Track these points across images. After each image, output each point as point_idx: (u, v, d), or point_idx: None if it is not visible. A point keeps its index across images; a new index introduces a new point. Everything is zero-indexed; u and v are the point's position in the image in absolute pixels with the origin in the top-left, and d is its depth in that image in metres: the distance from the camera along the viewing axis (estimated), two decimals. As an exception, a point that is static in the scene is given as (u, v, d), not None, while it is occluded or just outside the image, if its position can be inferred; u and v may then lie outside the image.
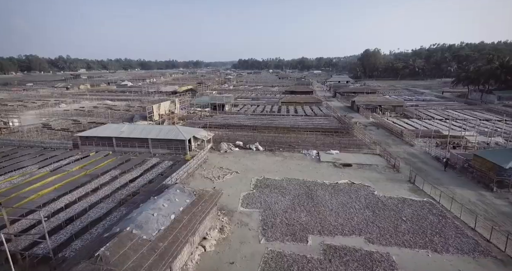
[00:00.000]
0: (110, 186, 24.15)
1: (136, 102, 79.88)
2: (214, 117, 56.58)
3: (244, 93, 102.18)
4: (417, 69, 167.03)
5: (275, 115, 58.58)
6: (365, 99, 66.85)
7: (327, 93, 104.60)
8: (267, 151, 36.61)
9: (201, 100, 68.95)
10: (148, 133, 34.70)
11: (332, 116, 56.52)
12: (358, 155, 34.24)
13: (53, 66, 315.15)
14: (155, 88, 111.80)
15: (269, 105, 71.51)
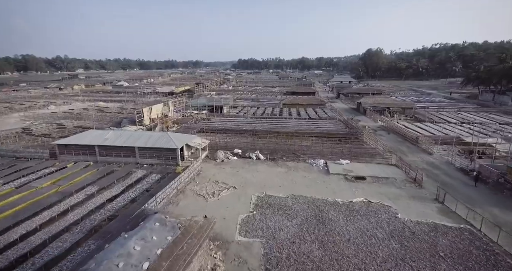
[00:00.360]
0: (82, 208, 20.26)
1: (130, 104, 75.98)
2: (211, 121, 52.69)
3: (243, 94, 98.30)
4: (421, 69, 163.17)
5: (277, 118, 54.69)
6: (372, 100, 62.96)
7: (329, 94, 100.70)
8: (268, 160, 32.73)
9: (198, 102, 65.05)
10: (135, 140, 30.80)
11: (337, 119, 52.64)
12: (371, 165, 30.36)
13: (50, 66, 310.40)
14: (152, 89, 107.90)
15: (270, 107, 67.64)
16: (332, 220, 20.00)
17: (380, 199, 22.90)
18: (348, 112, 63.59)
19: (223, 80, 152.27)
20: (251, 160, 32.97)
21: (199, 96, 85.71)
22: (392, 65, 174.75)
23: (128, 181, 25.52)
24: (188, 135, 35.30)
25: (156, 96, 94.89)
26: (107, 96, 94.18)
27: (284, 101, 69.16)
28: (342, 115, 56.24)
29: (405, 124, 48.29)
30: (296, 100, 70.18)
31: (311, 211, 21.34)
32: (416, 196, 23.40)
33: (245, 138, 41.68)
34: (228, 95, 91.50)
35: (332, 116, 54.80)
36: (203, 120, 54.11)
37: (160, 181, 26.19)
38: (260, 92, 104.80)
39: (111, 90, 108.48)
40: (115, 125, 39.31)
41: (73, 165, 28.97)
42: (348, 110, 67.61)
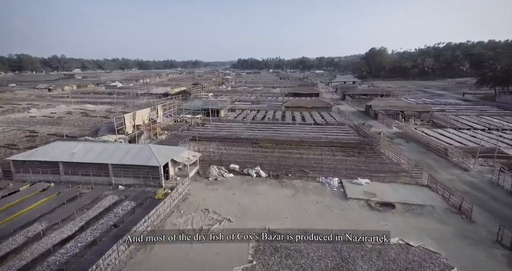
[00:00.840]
0: (14, 262, 14.64)
1: (119, 106, 70.42)
2: (206, 127, 47.11)
3: (242, 95, 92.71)
4: (427, 69, 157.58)
5: (279, 124, 49.07)
6: (383, 103, 57.37)
7: (334, 95, 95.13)
8: (271, 178, 27.14)
9: (193, 104, 59.45)
10: (109, 156, 25.20)
11: (347, 125, 47.10)
12: (397, 186, 24.79)
13: (46, 66, 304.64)
14: (146, 90, 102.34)
15: (271, 110, 62.04)
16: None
17: (421, 240, 17.30)
18: (357, 116, 58.01)
19: (222, 81, 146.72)
20: (251, 178, 27.40)
21: (195, 98, 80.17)
22: (397, 64, 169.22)
23: (93, 211, 19.91)
24: (175, 147, 29.71)
25: (150, 98, 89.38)
26: (97, 97, 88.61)
27: (286, 104, 63.57)
28: (352, 119, 50.67)
29: (424, 130, 42.67)
30: (299, 102, 64.60)
31: (330, 259, 15.78)
32: (467, 236, 17.80)
33: (244, 147, 36.15)
34: (226, 97, 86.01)
35: (341, 121, 49.19)
36: (198, 125, 48.54)
37: (135, 210, 20.60)
38: (260, 93, 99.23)
39: (104, 92, 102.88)
40: (91, 134, 33.76)
41: (28, 188, 23.34)
42: (357, 113, 62.01)
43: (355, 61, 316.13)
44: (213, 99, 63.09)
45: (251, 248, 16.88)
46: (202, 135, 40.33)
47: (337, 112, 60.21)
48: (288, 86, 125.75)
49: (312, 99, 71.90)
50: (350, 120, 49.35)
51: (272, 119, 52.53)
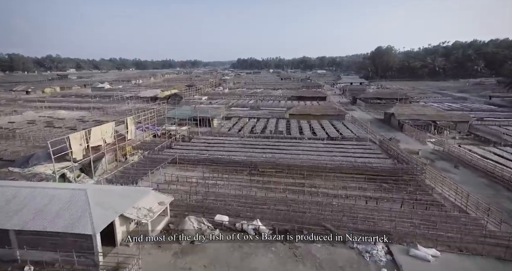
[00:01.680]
0: None
1: (98, 112, 60.81)
2: (194, 143, 37.54)
3: (241, 99, 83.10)
4: (438, 69, 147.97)
5: (284, 139, 39.39)
6: (408, 110, 47.76)
7: (342, 99, 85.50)
8: (277, 238, 17.58)
9: (179, 112, 49.86)
10: (13, 212, 15.60)
11: (369, 139, 37.60)
12: (485, 263, 15.20)
13: (38, 65, 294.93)
14: (134, 93, 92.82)
15: (274, 119, 52.41)
16: None
17: None
18: (376, 125, 48.39)
19: (219, 82, 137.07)
20: (245, 235, 17.83)
21: (185, 103, 70.72)
22: (405, 64, 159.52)
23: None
24: (132, 189, 20.17)
25: (137, 101, 79.97)
26: (78, 101, 78.98)
27: (291, 111, 53.90)
28: (373, 132, 41.06)
29: (473, 149, 33.01)
30: (305, 109, 54.94)
31: None
32: None
33: (239, 176, 26.72)
34: (223, 101, 76.46)
35: (360, 135, 39.59)
36: (183, 140, 39.01)
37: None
38: (260, 96, 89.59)
39: (88, 94, 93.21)
40: (23, 163, 23.89)
41: None
42: (375, 122, 52.42)
43: (357, 61, 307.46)
44: (205, 105, 53.43)
45: None
46: (185, 156, 30.78)
47: (351, 121, 50.64)
48: (290, 87, 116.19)
49: (321, 105, 62.43)
50: (372, 134, 39.74)
51: (275, 132, 42.88)
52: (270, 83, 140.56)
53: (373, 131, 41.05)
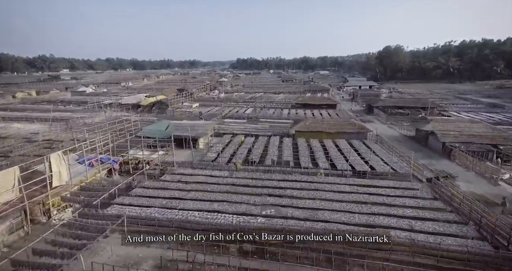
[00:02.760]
0: None
1: (60, 126, 49.48)
2: (164, 181, 26.36)
3: (237, 106, 71.99)
4: (452, 70, 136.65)
5: (291, 172, 28.17)
6: (452, 128, 36.51)
7: (354, 106, 74.29)
8: None
9: (154, 130, 38.80)
10: None
11: (411, 174, 26.53)
12: None
13: (29, 66, 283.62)
14: (119, 97, 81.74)
15: (276, 137, 41.27)
16: None
17: None
18: (407, 146, 37.22)
19: (215, 84, 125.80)
20: None
21: (173, 111, 59.79)
22: (416, 65, 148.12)
23: None
24: None
25: (117, 109, 68.89)
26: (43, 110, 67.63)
27: (298, 127, 42.70)
28: (415, 162, 29.78)
29: None
30: (316, 124, 43.66)
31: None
32: None
33: (225, 257, 15.76)
34: (216, 108, 65.34)
35: (398, 167, 28.42)
36: (151, 176, 27.92)
37: None
38: (260, 103, 78.47)
39: (63, 100, 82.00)
40: None
41: None
42: (404, 141, 41.33)
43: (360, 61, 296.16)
44: (186, 122, 41.67)
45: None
46: (139, 217, 19.66)
47: (376, 141, 39.56)
48: (293, 91, 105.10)
49: (335, 119, 51.52)
50: (414, 165, 28.49)
51: (278, 161, 31.67)
52: (271, 85, 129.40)
53: (415, 161, 29.77)
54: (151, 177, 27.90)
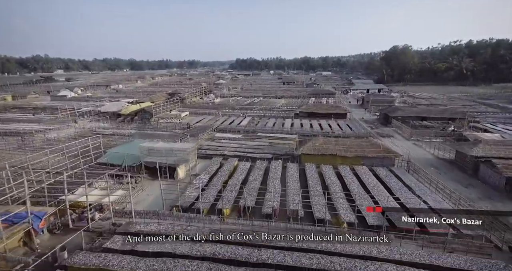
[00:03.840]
0: None
1: (10, 144, 40.34)
2: (104, 253, 17.21)
3: (233, 114, 63.01)
4: (465, 71, 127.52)
5: (303, 231, 18.90)
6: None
7: (366, 114, 65.29)
8: None
9: (119, 155, 29.80)
10: None
11: (491, 247, 17.40)
12: None
13: (21, 66, 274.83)
14: (95, 106, 72.78)
15: (277, 162, 32.14)
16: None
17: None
18: (447, 175, 28.24)
19: (211, 87, 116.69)
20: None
21: (158, 120, 50.98)
22: (426, 66, 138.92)
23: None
24: None
25: (96, 118, 60.13)
26: (14, 118, 58.82)
27: (305, 149, 33.51)
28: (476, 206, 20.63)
29: None
30: (329, 146, 34.27)
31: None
32: None
33: None
34: (209, 118, 56.27)
35: (464, 228, 19.35)
36: (91, 241, 18.91)
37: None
38: (258, 110, 69.52)
39: (38, 106, 72.92)
40: None
41: None
42: (442, 167, 32.22)
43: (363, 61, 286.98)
44: (163, 144, 32.41)
45: None
46: None
47: (408, 169, 30.52)
48: (295, 95, 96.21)
49: (350, 136, 42.52)
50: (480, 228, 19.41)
51: (280, 210, 22.59)
52: (271, 88, 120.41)
53: (478, 208, 20.66)
54: (95, 238, 18.89)
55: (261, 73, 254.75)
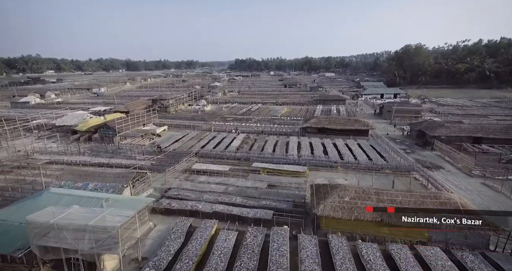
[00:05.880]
0: None
1: None
2: None
3: (222, 129, 49.74)
4: (488, 73, 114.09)
5: None
6: None
7: (390, 128, 51.96)
8: None
9: (13, 223, 16.38)
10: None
11: None
12: None
13: (9, 67, 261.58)
14: (65, 112, 59.54)
15: (282, 232, 18.89)
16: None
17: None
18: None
19: (204, 91, 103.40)
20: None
21: (117, 143, 37.59)
22: (443, 67, 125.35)
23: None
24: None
25: (46, 134, 47.12)
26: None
27: (328, 208, 20.14)
28: None
29: None
30: (364, 202, 21.10)
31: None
32: None
33: None
34: (191, 136, 42.84)
35: None
36: None
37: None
38: (255, 121, 56.26)
39: None
40: None
41: None
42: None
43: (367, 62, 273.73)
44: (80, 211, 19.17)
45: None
46: None
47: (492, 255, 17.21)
48: (299, 101, 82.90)
49: (400, 186, 29.18)
50: None
51: None
52: (271, 92, 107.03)
53: None
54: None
55: (261, 74, 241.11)
